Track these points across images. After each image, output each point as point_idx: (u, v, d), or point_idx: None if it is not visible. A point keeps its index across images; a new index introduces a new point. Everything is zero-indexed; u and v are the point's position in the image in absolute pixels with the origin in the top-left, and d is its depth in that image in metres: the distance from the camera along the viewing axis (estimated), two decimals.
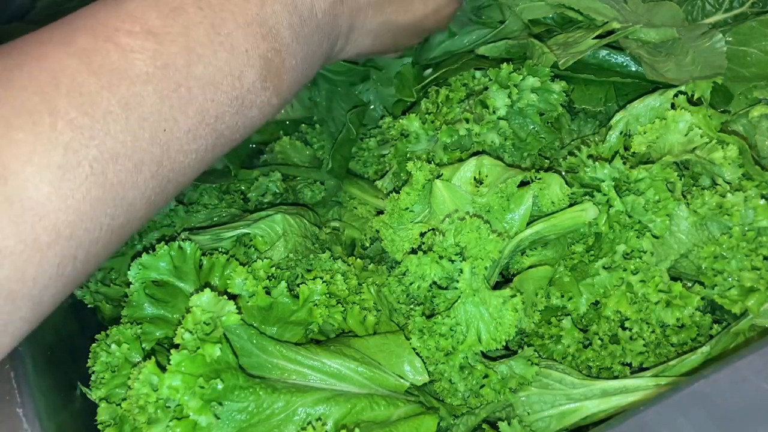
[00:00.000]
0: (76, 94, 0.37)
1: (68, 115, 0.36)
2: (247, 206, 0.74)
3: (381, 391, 0.52)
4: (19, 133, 0.35)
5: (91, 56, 0.38)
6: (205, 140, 0.43)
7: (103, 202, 0.38)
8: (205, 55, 0.42)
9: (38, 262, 0.36)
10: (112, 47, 0.39)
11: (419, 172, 0.58)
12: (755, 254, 0.51)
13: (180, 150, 0.42)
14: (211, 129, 0.43)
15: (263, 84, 0.46)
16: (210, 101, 0.42)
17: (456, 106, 0.66)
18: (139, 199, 0.40)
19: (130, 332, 0.54)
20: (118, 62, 0.39)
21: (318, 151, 0.81)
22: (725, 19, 0.69)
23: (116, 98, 0.38)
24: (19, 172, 0.35)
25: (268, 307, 0.53)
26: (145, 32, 0.40)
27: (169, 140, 0.41)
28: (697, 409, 0.35)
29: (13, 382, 0.50)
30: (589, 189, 0.57)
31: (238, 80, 0.44)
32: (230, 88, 0.43)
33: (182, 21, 0.41)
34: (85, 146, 0.37)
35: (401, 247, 0.59)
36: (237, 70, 0.43)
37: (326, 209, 0.75)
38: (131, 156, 0.39)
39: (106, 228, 0.39)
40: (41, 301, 0.38)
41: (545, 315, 0.58)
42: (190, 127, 0.42)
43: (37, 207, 0.35)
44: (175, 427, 0.43)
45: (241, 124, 0.46)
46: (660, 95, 0.60)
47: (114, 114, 0.38)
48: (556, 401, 0.53)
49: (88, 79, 0.38)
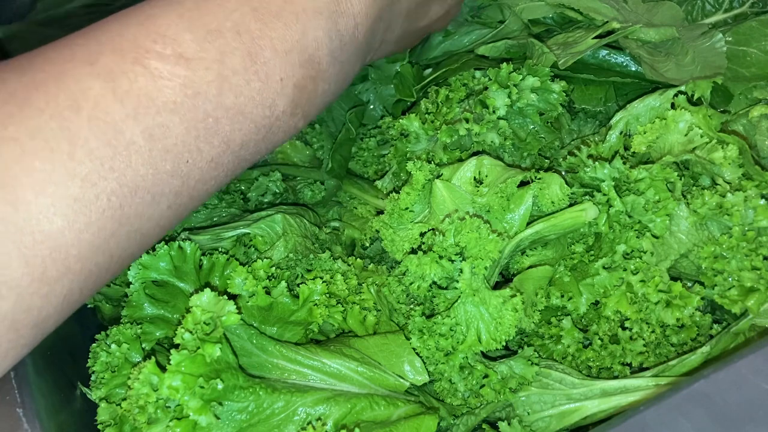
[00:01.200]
0: (99, 121, 0.35)
1: (88, 144, 0.34)
2: (247, 206, 0.74)
3: (381, 391, 0.52)
4: (34, 160, 0.33)
5: (117, 80, 0.36)
6: (227, 167, 0.42)
7: (117, 236, 0.36)
8: (238, 85, 0.39)
9: (45, 294, 0.35)
10: (140, 71, 0.36)
11: (419, 172, 0.58)
12: (755, 254, 0.51)
13: (200, 179, 0.40)
14: (235, 156, 0.41)
15: (293, 110, 0.44)
16: (238, 131, 0.40)
17: (456, 106, 0.66)
18: (153, 228, 0.39)
19: (130, 332, 0.54)
20: (146, 88, 0.36)
21: (318, 151, 0.81)
22: (725, 19, 0.69)
23: (141, 128, 0.36)
24: (32, 202, 0.33)
25: (268, 307, 0.53)
26: (177, 56, 0.37)
27: (191, 170, 0.39)
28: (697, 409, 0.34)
29: (13, 382, 0.50)
30: (589, 189, 0.57)
31: (269, 109, 0.42)
32: (260, 118, 0.41)
33: (218, 47, 0.39)
34: (104, 178, 0.34)
35: (401, 247, 0.59)
36: (269, 99, 0.41)
37: (326, 209, 0.75)
38: (150, 189, 0.37)
39: (117, 259, 0.38)
40: (45, 328, 0.37)
41: (545, 315, 0.58)
42: (213, 157, 0.40)
43: (49, 240, 0.33)
44: (175, 427, 0.43)
45: (264, 148, 0.44)
46: (660, 95, 0.60)
47: (137, 145, 0.35)
48: (556, 401, 0.53)
49: (113, 106, 0.35)
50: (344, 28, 0.45)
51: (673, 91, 0.59)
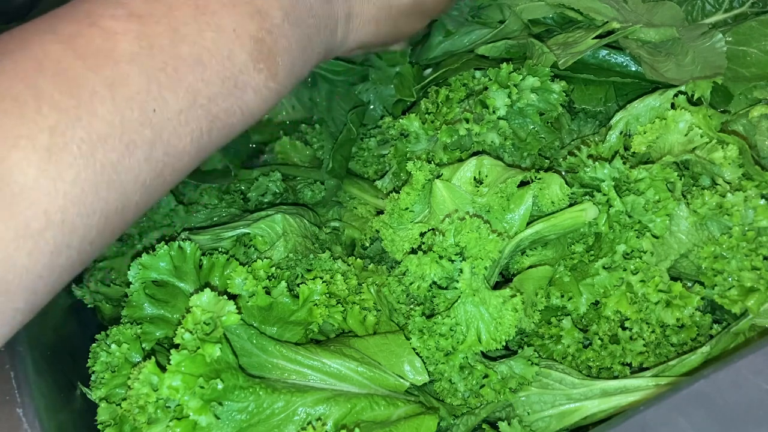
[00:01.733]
0: (61, 77, 0.37)
1: (53, 97, 0.36)
2: (247, 206, 0.74)
3: (381, 391, 0.52)
4: (3, 118, 0.35)
5: (75, 41, 0.38)
6: (199, 123, 0.43)
7: (95, 185, 0.37)
8: (190, 35, 0.41)
9: (30, 250, 0.35)
10: (96, 31, 0.39)
11: (419, 172, 0.58)
12: (755, 254, 0.51)
13: (173, 132, 0.41)
14: (204, 111, 0.43)
15: (256, 65, 0.45)
16: (200, 81, 0.42)
17: (456, 106, 0.66)
18: (133, 182, 0.40)
19: (130, 332, 0.54)
20: (102, 44, 0.39)
21: (318, 151, 0.81)
22: (725, 19, 0.69)
23: (101, 78, 0.38)
24: (5, 157, 0.34)
25: (268, 307, 0.53)
26: (128, 15, 0.40)
27: (161, 121, 0.40)
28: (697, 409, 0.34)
29: (13, 382, 0.50)
30: (589, 189, 0.57)
31: (228, 60, 0.43)
32: (220, 68, 0.43)
33: (166, 2, 0.41)
34: (71, 127, 0.36)
35: (401, 247, 0.59)
36: (225, 49, 0.43)
37: (326, 209, 0.75)
38: (121, 137, 0.38)
39: (100, 213, 0.38)
40: (35, 290, 0.37)
41: (545, 315, 0.58)
42: (181, 108, 0.41)
43: (26, 192, 0.34)
44: (175, 427, 0.43)
45: (238, 108, 0.45)
46: (660, 95, 0.60)
47: (100, 94, 0.37)
48: (556, 401, 0.53)
49: (73, 63, 0.38)
50: None
51: (673, 91, 0.59)
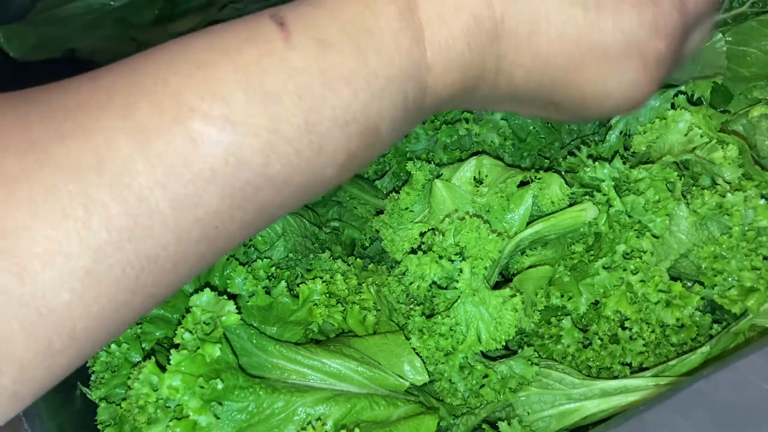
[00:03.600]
0: (123, 187, 0.30)
1: (107, 212, 0.30)
2: None
3: (381, 390, 0.52)
4: (46, 227, 0.29)
5: (151, 140, 0.31)
6: (258, 227, 0.37)
7: (130, 305, 0.33)
8: (287, 154, 0.34)
9: (47, 366, 0.32)
10: (179, 132, 0.31)
11: (419, 172, 0.58)
12: (755, 254, 0.51)
13: (227, 240, 0.35)
14: (267, 216, 0.37)
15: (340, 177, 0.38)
16: (277, 197, 0.35)
17: None
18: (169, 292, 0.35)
19: (130, 332, 0.54)
20: (183, 154, 0.31)
21: None
22: (725, 19, 0.69)
23: (169, 197, 0.31)
24: (38, 274, 0.30)
25: (268, 306, 0.53)
26: (224, 119, 0.32)
27: (219, 235, 0.34)
28: (697, 409, 0.34)
29: None
30: (589, 189, 0.57)
31: (315, 178, 0.36)
32: (303, 185, 0.36)
33: (273, 112, 0.33)
34: (120, 249, 0.31)
35: (401, 246, 0.59)
36: (318, 169, 0.36)
37: (326, 209, 0.75)
38: (172, 258, 0.33)
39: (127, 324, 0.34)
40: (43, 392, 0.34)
41: (545, 315, 0.58)
42: (246, 222, 0.35)
43: (54, 315, 0.30)
44: (175, 427, 0.43)
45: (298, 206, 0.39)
46: (660, 95, 0.60)
47: (162, 214, 0.31)
48: (556, 401, 0.53)
49: (141, 170, 0.31)
50: (413, 96, 0.38)
51: (673, 90, 0.59)
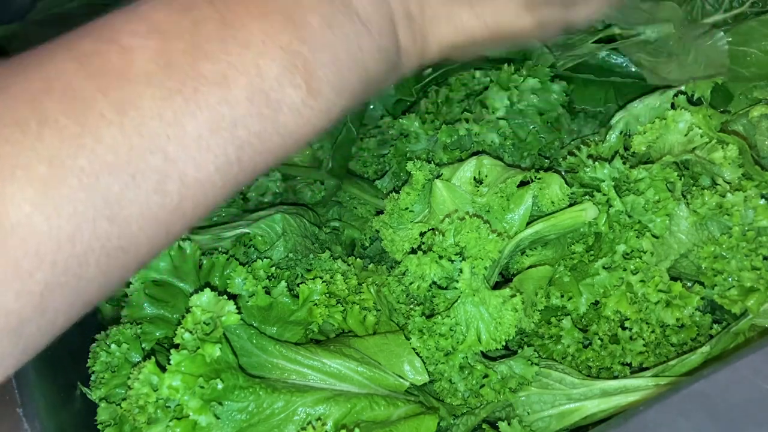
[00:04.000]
0: (69, 99, 0.33)
1: (57, 122, 0.33)
2: (247, 206, 0.74)
3: (381, 391, 0.52)
4: (4, 145, 0.31)
5: (90, 59, 0.35)
6: (225, 150, 0.37)
7: (93, 220, 0.33)
8: (213, 51, 0.37)
9: (17, 291, 0.32)
10: (113, 48, 0.36)
11: (419, 172, 0.58)
12: (755, 254, 0.51)
13: (191, 161, 0.36)
14: (230, 135, 0.37)
15: (291, 80, 0.39)
16: (223, 102, 0.37)
17: (456, 106, 0.66)
18: (140, 216, 0.35)
19: (130, 332, 0.54)
20: (117, 63, 0.35)
21: (318, 151, 0.81)
22: (725, 19, 0.69)
23: (110, 101, 0.34)
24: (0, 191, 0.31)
25: (268, 306, 0.53)
26: (148, 30, 0.36)
27: (176, 149, 0.36)
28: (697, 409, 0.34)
29: (13, 382, 0.50)
30: (589, 189, 0.57)
31: (257, 77, 0.38)
32: (247, 86, 0.37)
33: (191, 17, 0.37)
34: (72, 156, 0.33)
35: (401, 247, 0.59)
36: (253, 65, 0.38)
37: (326, 209, 0.75)
38: (126, 167, 0.34)
39: (100, 250, 0.34)
40: (23, 334, 0.34)
41: (545, 315, 0.58)
42: (200, 134, 0.36)
43: (17, 229, 0.31)
44: (175, 427, 0.43)
45: (273, 131, 0.39)
46: (660, 95, 0.60)
47: (107, 119, 0.34)
48: (556, 401, 0.53)
49: (83, 83, 0.34)
50: None
51: (673, 91, 0.59)
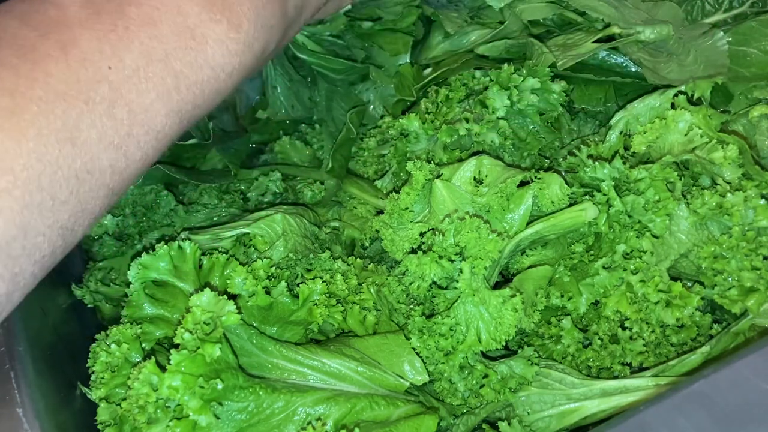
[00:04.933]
0: (16, 45, 0.39)
1: (10, 63, 0.38)
2: (247, 206, 0.74)
3: (381, 390, 0.52)
4: None
5: (29, 15, 0.41)
6: (163, 79, 0.43)
7: (57, 141, 0.38)
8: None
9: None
10: (48, 5, 0.42)
11: (419, 172, 0.58)
12: (755, 254, 0.51)
13: (134, 88, 0.42)
14: (164, 66, 0.43)
15: (211, 15, 0.45)
16: (153, 38, 0.43)
17: (456, 106, 0.66)
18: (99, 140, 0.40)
19: (130, 332, 0.54)
20: (54, 14, 0.41)
21: (318, 151, 0.81)
22: (725, 18, 0.69)
23: (53, 42, 0.40)
24: None
25: (268, 306, 0.53)
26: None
27: (118, 78, 0.41)
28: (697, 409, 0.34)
29: (13, 382, 0.50)
30: (589, 189, 0.57)
31: (179, 15, 0.44)
32: (172, 23, 0.44)
33: None
34: (29, 88, 0.38)
35: (401, 246, 0.59)
36: (174, 5, 0.44)
37: (326, 209, 0.75)
38: (78, 94, 0.39)
39: (68, 170, 0.39)
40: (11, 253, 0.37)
41: (545, 315, 0.58)
42: (138, 65, 0.42)
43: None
44: (175, 427, 0.43)
45: (203, 62, 0.45)
46: (660, 95, 0.60)
47: (53, 57, 0.39)
48: (556, 401, 0.53)
49: (27, 32, 0.40)
50: None
51: (673, 90, 0.59)
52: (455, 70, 0.70)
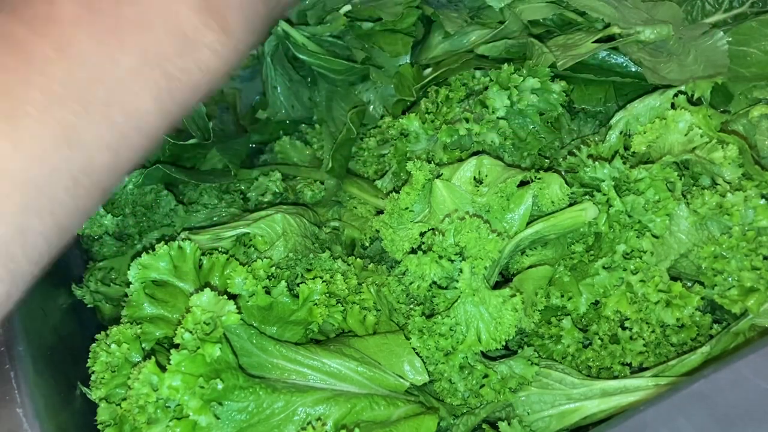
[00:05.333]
0: (9, 43, 0.38)
1: (3, 63, 0.38)
2: (247, 206, 0.74)
3: (381, 390, 0.52)
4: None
5: (23, 11, 0.40)
6: (156, 81, 0.43)
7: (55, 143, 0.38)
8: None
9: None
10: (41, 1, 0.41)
11: (419, 172, 0.58)
12: (755, 254, 0.51)
13: (128, 90, 0.42)
14: (159, 69, 0.43)
15: (204, 21, 0.45)
16: (148, 41, 0.43)
17: (456, 106, 0.66)
18: (95, 141, 0.40)
19: (130, 332, 0.54)
20: (48, 11, 0.40)
21: (318, 151, 0.81)
22: (725, 18, 0.69)
23: (48, 41, 0.39)
24: None
25: (268, 306, 0.53)
26: None
27: (113, 80, 0.41)
28: (697, 409, 0.35)
29: (13, 382, 0.50)
30: (589, 189, 0.57)
31: (174, 18, 0.44)
32: (167, 27, 0.43)
33: None
34: (26, 90, 0.37)
35: (401, 246, 0.59)
36: (169, 8, 0.44)
37: (326, 209, 0.75)
38: (74, 97, 0.39)
39: (66, 172, 0.39)
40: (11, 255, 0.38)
41: (545, 315, 0.58)
42: (133, 66, 0.42)
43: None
44: (175, 427, 0.43)
45: (194, 67, 0.45)
46: (660, 95, 0.60)
47: (49, 57, 0.39)
48: (556, 401, 0.53)
49: (19, 29, 0.39)
50: None
51: (673, 90, 0.59)
52: (455, 70, 0.70)
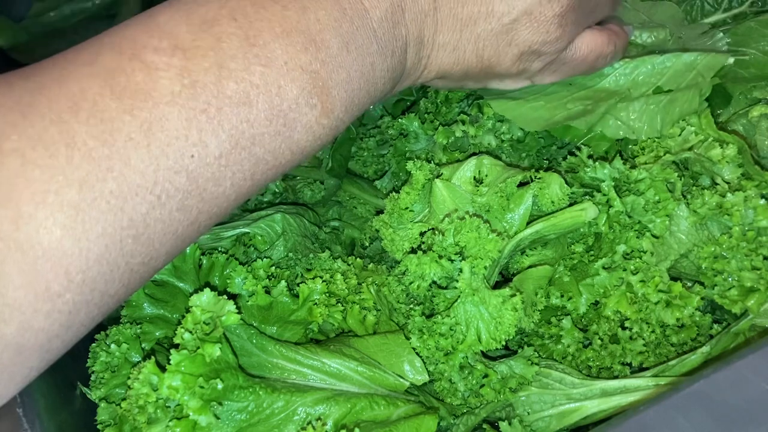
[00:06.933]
0: (96, 121, 0.34)
1: (86, 145, 0.33)
2: (247, 206, 0.74)
3: (381, 390, 0.52)
4: (34, 169, 0.32)
5: (115, 76, 0.35)
6: (242, 166, 0.39)
7: (120, 241, 0.35)
8: (237, 70, 0.37)
9: (48, 311, 0.33)
10: (137, 65, 0.36)
11: (419, 172, 0.58)
12: (755, 254, 0.51)
13: (211, 178, 0.38)
14: (247, 154, 0.39)
15: (308, 100, 0.40)
16: (245, 121, 0.38)
17: (455, 106, 0.66)
18: (162, 233, 0.37)
19: (130, 332, 0.54)
20: (142, 82, 0.35)
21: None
22: (724, 18, 0.69)
23: (137, 122, 0.35)
24: (32, 215, 0.32)
25: (268, 306, 0.53)
26: (172, 47, 0.37)
27: (198, 167, 0.37)
28: (697, 409, 0.35)
29: None
30: (589, 189, 0.57)
31: (277, 96, 0.39)
32: (268, 106, 0.39)
33: (214, 33, 0.38)
34: (102, 180, 0.33)
35: (401, 246, 0.59)
36: (274, 85, 0.39)
37: (326, 209, 0.75)
38: (153, 187, 0.35)
39: (125, 267, 0.36)
40: (50, 349, 0.35)
41: (545, 315, 0.58)
42: (222, 152, 0.37)
43: (48, 254, 0.32)
44: (175, 427, 0.43)
45: (286, 148, 0.41)
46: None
47: (135, 141, 0.34)
48: (556, 401, 0.53)
49: (109, 104, 0.34)
50: (351, 9, 0.42)
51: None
52: None
